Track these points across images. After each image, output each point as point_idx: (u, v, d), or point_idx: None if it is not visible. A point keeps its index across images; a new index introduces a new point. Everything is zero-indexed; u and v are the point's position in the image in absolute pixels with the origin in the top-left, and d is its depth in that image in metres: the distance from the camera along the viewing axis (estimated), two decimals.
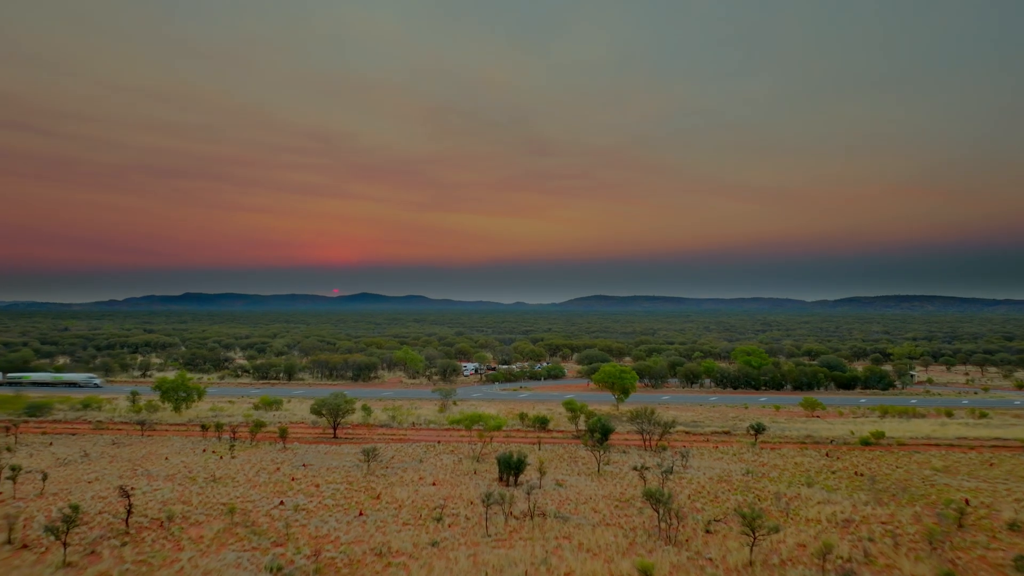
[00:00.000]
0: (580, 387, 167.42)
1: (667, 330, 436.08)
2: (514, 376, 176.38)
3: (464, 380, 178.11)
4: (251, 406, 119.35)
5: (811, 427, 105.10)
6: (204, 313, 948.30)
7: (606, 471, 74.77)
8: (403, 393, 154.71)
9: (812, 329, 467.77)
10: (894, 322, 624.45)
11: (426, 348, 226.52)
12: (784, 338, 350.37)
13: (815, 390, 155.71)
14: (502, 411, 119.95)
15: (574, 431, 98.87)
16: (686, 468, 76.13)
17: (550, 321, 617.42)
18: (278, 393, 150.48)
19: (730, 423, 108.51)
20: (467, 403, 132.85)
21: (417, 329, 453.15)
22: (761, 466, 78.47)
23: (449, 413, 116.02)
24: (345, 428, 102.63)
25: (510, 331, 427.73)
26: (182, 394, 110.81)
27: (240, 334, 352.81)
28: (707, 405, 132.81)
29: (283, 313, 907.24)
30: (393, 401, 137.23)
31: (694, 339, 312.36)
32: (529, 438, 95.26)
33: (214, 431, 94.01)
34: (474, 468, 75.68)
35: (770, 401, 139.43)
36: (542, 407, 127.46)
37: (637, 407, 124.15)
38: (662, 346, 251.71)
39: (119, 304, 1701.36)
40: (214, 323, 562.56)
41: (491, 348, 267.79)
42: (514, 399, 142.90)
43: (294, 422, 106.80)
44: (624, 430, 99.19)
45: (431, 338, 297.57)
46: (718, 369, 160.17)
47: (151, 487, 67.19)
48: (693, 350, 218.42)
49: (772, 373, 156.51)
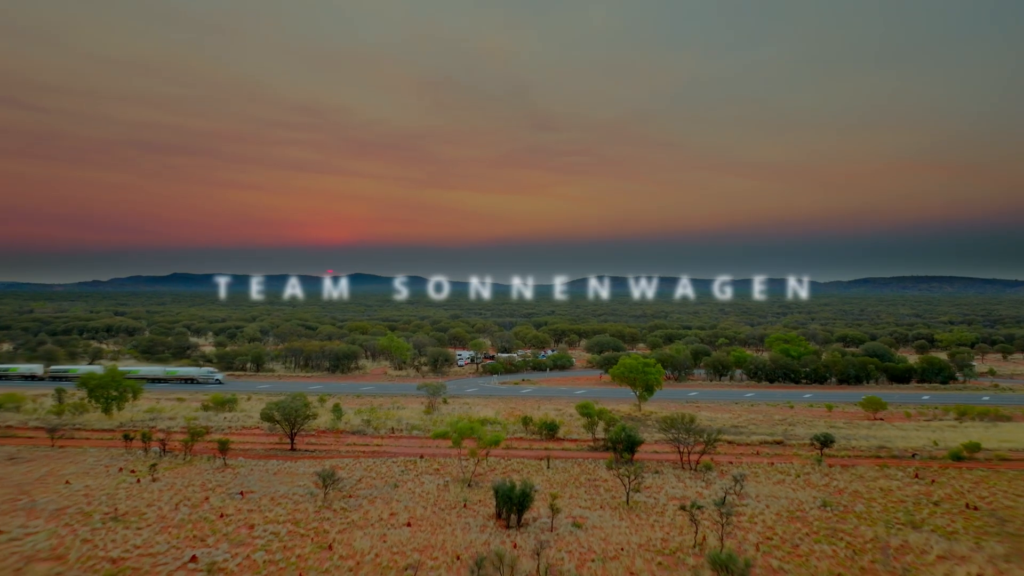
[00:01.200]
0: (591, 380, 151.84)
1: (679, 313, 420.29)
2: (515, 367, 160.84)
3: (458, 371, 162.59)
4: (201, 405, 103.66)
5: (880, 434, 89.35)
6: (190, 294, 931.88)
7: (637, 502, 59.08)
8: (385, 388, 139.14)
9: (835, 312, 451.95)
10: (919, 304, 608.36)
11: (416, 334, 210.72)
12: (808, 322, 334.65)
13: (864, 384, 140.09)
14: (501, 412, 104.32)
15: (590, 440, 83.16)
16: (742, 498, 60.42)
17: (553, 303, 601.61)
18: (240, 388, 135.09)
19: (779, 428, 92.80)
20: (460, 401, 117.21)
21: (410, 312, 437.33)
22: (837, 493, 62.79)
23: (437, 414, 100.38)
24: (309, 436, 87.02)
25: (510, 314, 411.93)
26: (113, 392, 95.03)
27: (216, 317, 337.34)
28: (744, 404, 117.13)
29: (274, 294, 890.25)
30: (372, 398, 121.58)
31: (712, 323, 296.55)
32: (535, 449, 79.63)
33: (140, 441, 78.24)
34: (464, 498, 59.97)
35: (816, 398, 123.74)
36: (549, 406, 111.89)
37: (662, 406, 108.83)
38: (679, 331, 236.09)
39: (103, 285, 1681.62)
40: (194, 305, 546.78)
41: (489, 333, 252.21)
42: (516, 395, 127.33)
43: (248, 427, 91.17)
44: (652, 438, 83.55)
45: (423, 322, 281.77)
46: (751, 359, 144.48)
47: (23, 530, 51.49)
48: (716, 336, 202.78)
49: (814, 364, 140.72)
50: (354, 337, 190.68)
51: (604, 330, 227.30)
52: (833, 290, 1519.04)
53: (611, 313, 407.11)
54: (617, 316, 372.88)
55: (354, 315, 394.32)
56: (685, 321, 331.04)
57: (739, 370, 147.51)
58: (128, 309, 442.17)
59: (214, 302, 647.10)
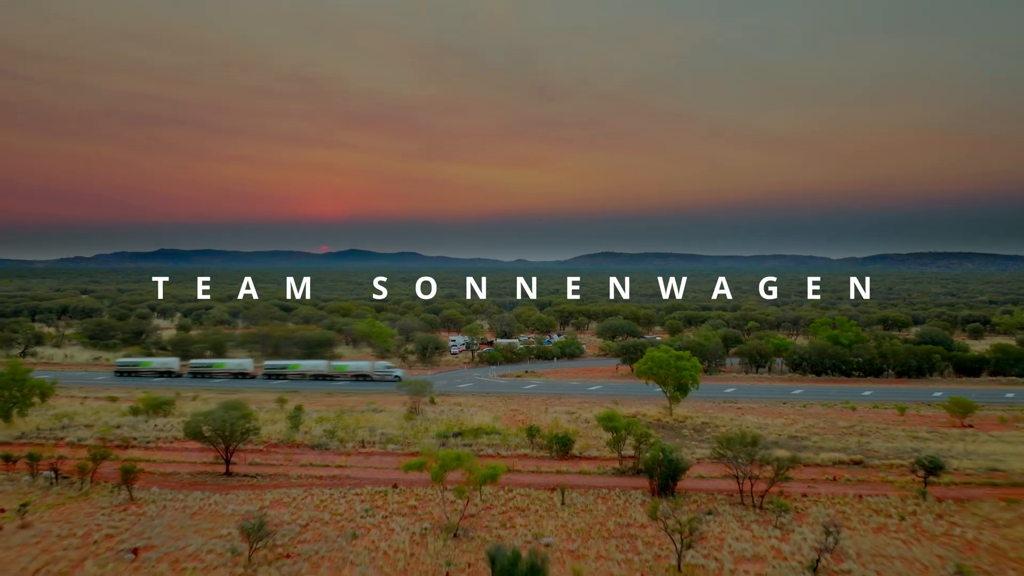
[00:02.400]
0: (606, 371, 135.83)
1: (694, 292, 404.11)
2: (517, 355, 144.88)
3: (451, 361, 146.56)
4: (130, 408, 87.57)
5: (982, 449, 73.22)
6: (177, 271, 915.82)
7: (693, 566, 43.10)
8: (361, 386, 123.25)
9: (869, 290, 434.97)
10: (946, 282, 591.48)
11: (406, 316, 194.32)
12: (837, 302, 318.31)
13: (928, 377, 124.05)
14: (501, 415, 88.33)
15: (616, 460, 67.10)
16: (840, 560, 44.46)
17: (556, 281, 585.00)
18: (187, 384, 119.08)
19: (851, 441, 76.76)
20: (450, 400, 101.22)
21: (403, 290, 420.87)
22: (969, 550, 46.84)
23: (421, 419, 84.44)
24: (256, 451, 71.11)
25: (511, 293, 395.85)
26: (16, 393, 78.95)
27: (190, 296, 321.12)
28: (794, 404, 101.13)
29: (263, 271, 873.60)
30: (345, 396, 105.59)
31: (734, 303, 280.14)
32: (544, 473, 63.74)
33: (27, 464, 62.19)
34: (447, 560, 43.97)
35: (879, 396, 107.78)
36: (559, 407, 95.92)
37: (696, 407, 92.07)
38: (699, 313, 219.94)
39: (86, 261, 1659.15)
40: (173, 282, 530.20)
41: (488, 315, 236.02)
42: (518, 392, 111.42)
43: (180, 439, 75.11)
44: (690, 451, 67.54)
45: (415, 302, 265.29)
46: (793, 348, 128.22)
47: None
48: (744, 319, 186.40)
49: (867, 354, 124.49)
50: (332, 320, 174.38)
51: (616, 312, 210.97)
52: (847, 267, 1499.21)
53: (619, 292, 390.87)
54: (628, 295, 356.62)
55: (342, 294, 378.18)
56: (701, 300, 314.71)
57: (779, 359, 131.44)
58: (98, 287, 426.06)
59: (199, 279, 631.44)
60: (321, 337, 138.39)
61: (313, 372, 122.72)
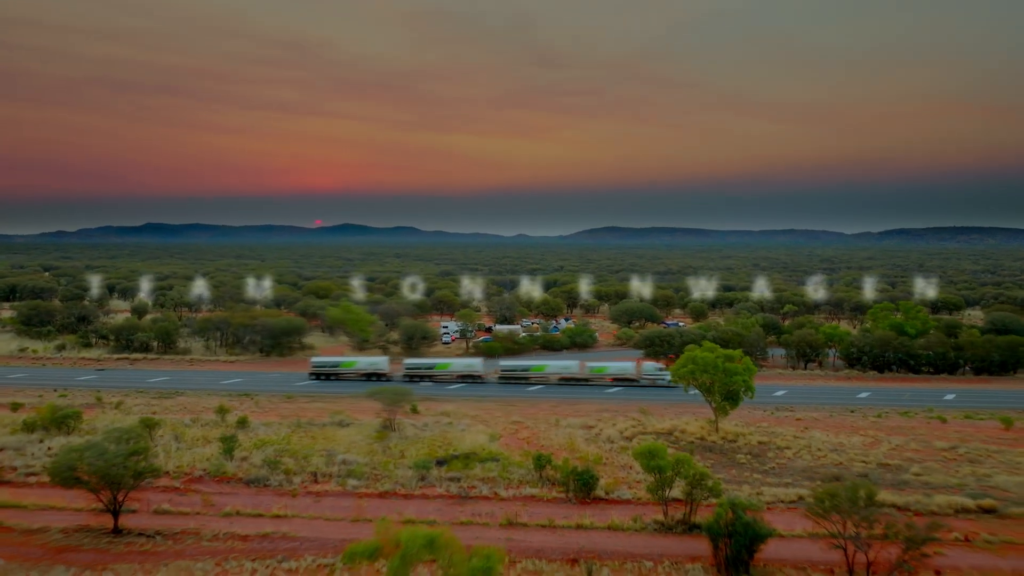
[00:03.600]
0: None
1: (709, 268, 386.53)
2: (519, 345, 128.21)
3: (442, 352, 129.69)
4: (23, 423, 70.84)
5: None
6: (164, 246, 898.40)
7: None
8: (331, 387, 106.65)
9: (892, 267, 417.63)
10: (974, 258, 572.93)
11: (393, 297, 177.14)
12: (859, 280, 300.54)
13: (1013, 374, 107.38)
14: (500, 430, 71.71)
15: (658, 508, 50.41)
16: None
17: (560, 256, 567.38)
18: (118, 383, 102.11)
19: (963, 472, 60.12)
20: (437, 407, 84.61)
21: (396, 267, 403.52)
22: None
23: (397, 439, 67.94)
24: (167, 491, 54.65)
25: (512, 270, 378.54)
26: None
27: (162, 273, 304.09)
28: (864, 412, 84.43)
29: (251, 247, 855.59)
30: (308, 402, 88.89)
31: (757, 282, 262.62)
32: (560, 530, 47.30)
33: None
34: None
35: (965, 401, 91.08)
36: (572, 416, 79.39)
37: (744, 417, 74.78)
38: (723, 294, 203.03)
39: (70, 236, 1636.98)
40: (149, 258, 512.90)
41: (485, 297, 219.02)
42: (521, 396, 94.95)
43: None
44: (754, 486, 50.94)
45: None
46: (850, 339, 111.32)
47: None
48: (779, 301, 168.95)
49: (940, 346, 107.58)
50: (308, 303, 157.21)
51: (631, 292, 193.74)
52: (863, 242, 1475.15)
53: (630, 268, 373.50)
54: (639, 273, 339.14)
55: (329, 271, 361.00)
56: (722, 279, 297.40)
57: (831, 351, 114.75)
58: (65, 264, 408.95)
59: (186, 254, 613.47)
60: (286, 325, 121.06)
61: (562, 375, 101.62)
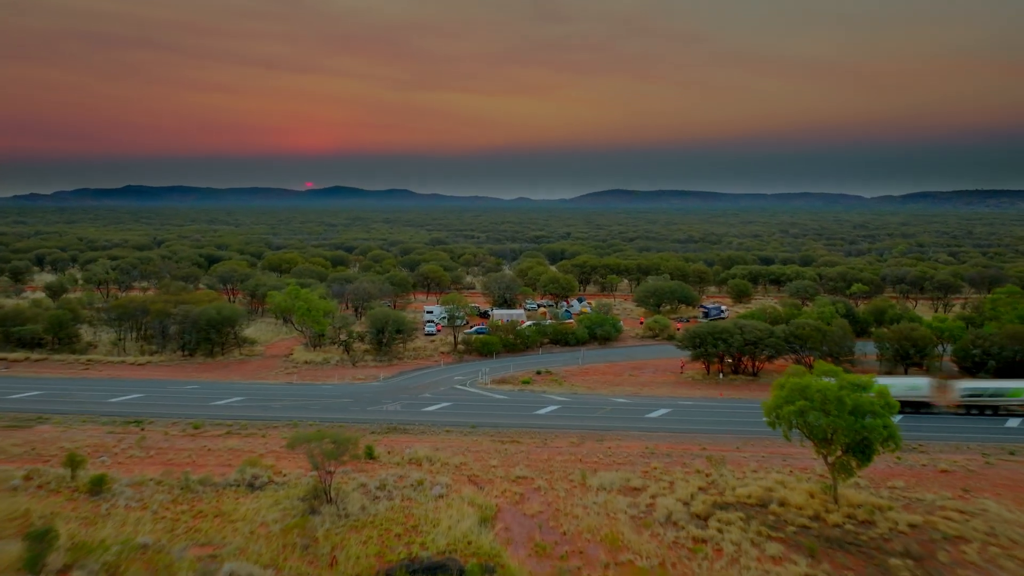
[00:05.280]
0: (663, 367, 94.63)
1: (735, 236, 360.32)
2: (523, 339, 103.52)
3: (422, 349, 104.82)
4: None
5: None
6: (140, 210, 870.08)
7: None
8: (270, 395, 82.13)
9: (935, 234, 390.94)
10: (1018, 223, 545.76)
11: (366, 275, 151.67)
12: (916, 250, 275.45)
13: None
14: (496, 499, 47.00)
15: None
16: None
17: (565, 222, 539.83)
18: None
19: None
20: (404, 443, 59.87)
21: (383, 232, 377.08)
22: None
23: (330, 516, 43.39)
24: None
25: (512, 237, 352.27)
26: None
27: (112, 241, 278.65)
28: None
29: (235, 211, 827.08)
30: (219, 438, 63.79)
31: (797, 251, 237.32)
32: None
33: None
34: None
35: None
36: (606, 467, 54.72)
37: (873, 481, 50.16)
38: (764, 269, 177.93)
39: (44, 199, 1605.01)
40: (118, 223, 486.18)
41: (483, 269, 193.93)
42: (526, 423, 70.23)
43: None
44: None
45: (388, 252, 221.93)
46: (970, 336, 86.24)
47: None
48: (845, 279, 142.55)
49: None
50: (260, 281, 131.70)
51: (656, 266, 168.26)
52: (884, 206, 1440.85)
53: (645, 236, 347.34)
54: (656, 241, 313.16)
55: (307, 238, 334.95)
56: (749, 247, 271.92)
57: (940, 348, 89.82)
58: (11, 229, 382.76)
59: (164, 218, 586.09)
60: (215, 316, 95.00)
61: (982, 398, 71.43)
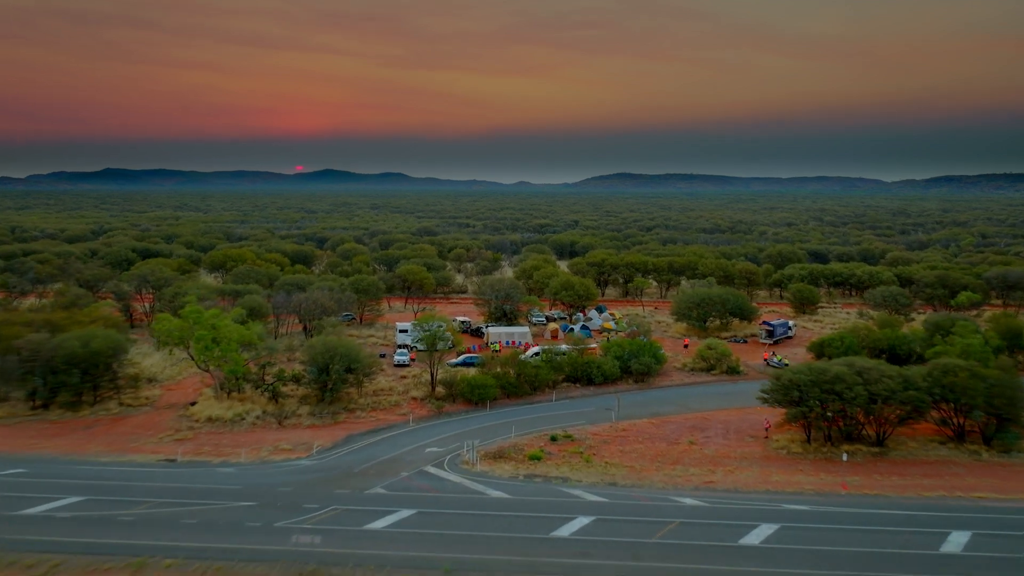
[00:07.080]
0: (734, 427, 66.26)
1: (764, 223, 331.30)
2: (529, 380, 74.97)
3: (387, 392, 76.28)
4: None
5: None
6: (122, 194, 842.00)
7: None
8: (112, 535, 53.27)
9: (989, 220, 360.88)
10: None
11: (326, 277, 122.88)
12: (984, 243, 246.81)
13: None
14: None
15: None
16: None
17: (570, 208, 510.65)
18: None
19: None
20: None
21: (367, 220, 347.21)
22: None
23: None
24: None
25: (512, 225, 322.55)
26: None
27: (43, 231, 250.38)
28: None
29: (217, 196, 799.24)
30: None
31: (864, 248, 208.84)
32: None
33: None
34: None
35: None
36: None
37: None
38: (825, 268, 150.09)
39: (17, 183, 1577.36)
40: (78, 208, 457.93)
41: (476, 262, 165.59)
42: (541, 556, 41.20)
43: None
44: None
45: (364, 245, 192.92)
46: None
47: None
48: (945, 284, 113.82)
49: None
50: (180, 288, 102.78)
51: (693, 264, 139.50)
52: (907, 190, 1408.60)
53: (665, 225, 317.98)
54: (679, 231, 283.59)
55: (278, 226, 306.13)
56: (787, 236, 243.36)
57: None
58: None
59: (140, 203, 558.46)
60: (81, 348, 65.29)
61: None
